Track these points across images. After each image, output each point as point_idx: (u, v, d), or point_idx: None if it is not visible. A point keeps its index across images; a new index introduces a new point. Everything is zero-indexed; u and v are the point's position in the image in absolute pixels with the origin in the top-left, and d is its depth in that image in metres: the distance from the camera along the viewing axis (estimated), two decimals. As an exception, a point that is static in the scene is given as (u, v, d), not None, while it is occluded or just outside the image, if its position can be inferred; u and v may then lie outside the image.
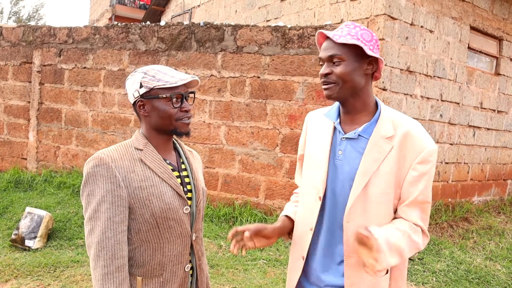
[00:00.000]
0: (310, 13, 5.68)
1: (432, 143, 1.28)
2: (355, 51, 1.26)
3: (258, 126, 4.73)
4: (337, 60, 1.27)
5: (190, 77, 1.28)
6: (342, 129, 1.36)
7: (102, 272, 1.16)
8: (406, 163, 1.26)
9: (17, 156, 6.05)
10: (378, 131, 1.29)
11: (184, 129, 1.30)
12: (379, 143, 1.28)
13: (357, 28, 1.29)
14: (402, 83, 4.72)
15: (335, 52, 1.27)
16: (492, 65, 6.07)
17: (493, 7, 5.75)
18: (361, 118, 1.34)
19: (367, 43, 1.26)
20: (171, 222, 1.28)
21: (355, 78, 1.28)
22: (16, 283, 3.19)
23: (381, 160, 1.27)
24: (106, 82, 5.50)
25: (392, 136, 1.28)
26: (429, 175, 1.28)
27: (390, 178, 1.27)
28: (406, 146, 1.27)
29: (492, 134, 6.07)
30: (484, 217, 5.45)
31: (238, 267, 3.67)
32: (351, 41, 1.24)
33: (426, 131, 1.31)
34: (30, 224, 3.92)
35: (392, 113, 1.33)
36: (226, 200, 4.87)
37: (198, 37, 4.99)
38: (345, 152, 1.33)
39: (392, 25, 4.54)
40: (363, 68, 1.29)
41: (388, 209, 1.29)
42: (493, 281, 3.73)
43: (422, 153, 1.25)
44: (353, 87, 1.29)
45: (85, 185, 1.22)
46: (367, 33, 1.29)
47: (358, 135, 1.31)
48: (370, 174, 1.27)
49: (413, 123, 1.31)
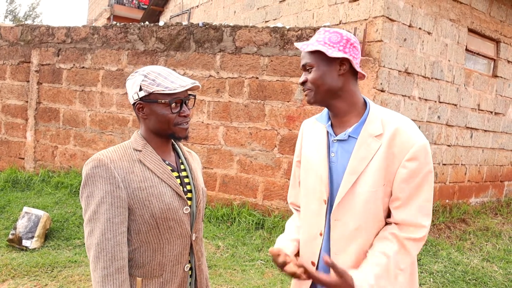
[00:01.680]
0: (309, 14, 5.69)
1: (421, 138, 1.25)
2: (322, 56, 1.29)
3: (257, 126, 4.74)
4: (309, 68, 1.32)
5: (190, 83, 1.27)
6: (333, 132, 1.37)
7: (102, 273, 1.16)
8: (396, 160, 1.25)
9: (14, 156, 6.03)
10: (366, 129, 1.30)
11: (182, 134, 1.31)
12: (367, 142, 1.28)
13: (326, 33, 1.32)
14: (400, 84, 4.74)
15: (306, 61, 1.33)
16: (489, 67, 6.10)
17: (491, 10, 5.78)
18: (351, 120, 1.35)
19: (334, 45, 1.28)
20: (171, 223, 1.28)
21: (327, 81, 1.30)
22: (13, 283, 3.18)
23: (370, 159, 1.26)
24: (104, 82, 5.49)
25: (381, 134, 1.27)
26: (421, 172, 1.24)
27: (378, 176, 1.26)
28: (395, 143, 1.25)
29: (489, 135, 6.09)
30: (481, 219, 5.47)
31: (236, 268, 3.67)
32: (313, 47, 1.28)
33: (417, 127, 1.29)
34: (27, 224, 3.91)
35: (382, 112, 1.33)
36: (224, 200, 4.87)
37: (196, 37, 4.99)
38: (337, 154, 1.35)
39: (391, 27, 4.56)
40: (336, 69, 1.30)
41: (377, 207, 1.28)
42: (490, 282, 3.75)
43: (411, 149, 1.23)
44: (328, 90, 1.31)
45: (84, 187, 1.22)
46: (336, 35, 1.30)
47: (348, 136, 1.33)
48: (358, 173, 1.27)
49: (403, 120, 1.30)
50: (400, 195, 1.26)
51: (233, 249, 4.04)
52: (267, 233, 4.38)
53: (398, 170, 1.25)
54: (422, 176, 1.24)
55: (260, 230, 4.45)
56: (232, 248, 4.06)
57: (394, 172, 1.26)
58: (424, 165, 1.24)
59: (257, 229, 4.46)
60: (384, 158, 1.26)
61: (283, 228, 4.37)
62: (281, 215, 4.58)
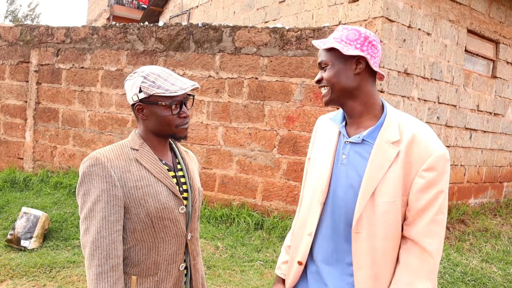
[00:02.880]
0: (308, 15, 5.69)
1: (440, 147, 1.20)
2: (338, 54, 1.26)
3: (256, 127, 4.73)
4: (325, 66, 1.30)
5: (190, 85, 1.27)
6: (346, 133, 1.32)
7: (97, 271, 1.17)
8: (413, 170, 1.19)
9: (13, 156, 6.03)
10: (383, 135, 1.24)
11: (182, 134, 1.32)
12: (384, 148, 1.22)
13: (344, 30, 1.28)
14: (399, 85, 4.74)
15: (322, 59, 1.30)
16: (488, 68, 6.10)
17: (490, 11, 5.78)
18: (366, 122, 1.29)
19: (351, 43, 1.24)
20: (166, 222, 1.28)
21: (342, 79, 1.26)
22: (11, 283, 3.17)
23: (387, 167, 1.20)
24: (103, 82, 5.49)
25: (398, 141, 1.21)
26: (439, 183, 1.18)
27: (397, 186, 1.20)
28: (412, 151, 1.20)
29: (488, 136, 6.09)
30: (480, 220, 5.46)
31: (235, 269, 3.66)
32: (328, 44, 1.25)
33: (435, 135, 1.24)
34: (26, 224, 3.91)
35: (400, 116, 1.28)
36: (224, 201, 4.87)
37: (196, 38, 4.99)
38: (348, 156, 1.29)
39: (390, 28, 4.56)
40: (351, 68, 1.26)
41: (396, 217, 1.23)
42: (489, 283, 3.74)
43: (429, 159, 1.18)
44: (343, 89, 1.27)
45: (81, 185, 1.23)
46: (354, 32, 1.26)
47: (362, 139, 1.27)
48: (377, 181, 1.21)
49: (421, 126, 1.24)
50: (415, 205, 1.20)
51: (232, 250, 4.04)
52: (266, 234, 4.37)
53: (415, 179, 1.20)
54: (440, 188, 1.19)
55: (259, 230, 4.44)
56: (231, 249, 4.05)
57: (410, 182, 1.20)
58: (442, 176, 1.19)
59: (256, 229, 4.46)
60: (401, 167, 1.20)
61: (282, 229, 4.37)
62: (280, 215, 4.58)
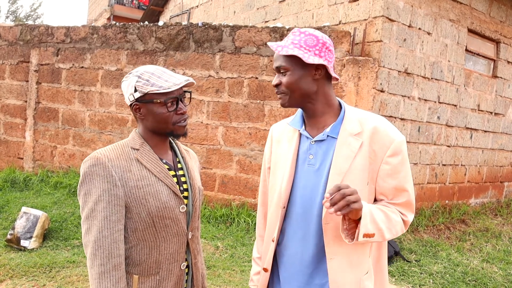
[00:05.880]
0: (309, 15, 5.68)
1: (399, 134, 1.30)
2: (298, 60, 1.26)
3: (256, 127, 4.73)
4: (284, 71, 1.29)
5: (183, 80, 1.27)
6: (309, 134, 1.35)
7: (99, 270, 1.17)
8: (378, 158, 1.28)
9: (13, 156, 6.02)
10: (345, 129, 1.30)
11: (180, 131, 1.32)
12: (348, 141, 1.28)
13: (302, 34, 1.28)
14: (399, 85, 4.73)
15: (280, 63, 1.29)
16: (489, 68, 6.09)
17: (491, 10, 5.77)
18: (327, 120, 1.34)
19: (310, 49, 1.25)
20: (167, 221, 1.28)
21: (303, 85, 1.28)
22: (11, 283, 3.16)
23: (353, 157, 1.27)
24: (103, 82, 5.49)
25: (360, 132, 1.29)
26: (403, 164, 1.29)
27: (363, 174, 1.27)
28: (375, 141, 1.28)
29: (489, 136, 6.08)
30: (481, 219, 5.46)
31: (235, 268, 3.65)
32: (290, 52, 1.24)
33: (392, 125, 1.33)
34: (25, 224, 3.90)
35: (357, 112, 1.35)
36: (224, 201, 4.86)
37: (196, 37, 4.98)
38: (316, 155, 1.32)
39: (390, 27, 4.55)
40: (311, 74, 1.28)
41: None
42: (490, 283, 3.74)
43: (391, 145, 1.27)
44: (303, 94, 1.30)
45: (82, 185, 1.23)
46: (311, 38, 1.27)
47: (327, 135, 1.32)
48: (344, 172, 1.26)
49: (379, 118, 1.33)
50: (384, 188, 1.29)
51: (232, 250, 4.03)
52: (266, 234, 4.37)
53: (381, 166, 1.28)
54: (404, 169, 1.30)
55: (259, 230, 4.43)
56: (231, 249, 4.05)
57: (376, 170, 1.28)
58: (404, 158, 1.30)
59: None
60: (366, 157, 1.28)
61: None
62: (280, 215, 4.57)
